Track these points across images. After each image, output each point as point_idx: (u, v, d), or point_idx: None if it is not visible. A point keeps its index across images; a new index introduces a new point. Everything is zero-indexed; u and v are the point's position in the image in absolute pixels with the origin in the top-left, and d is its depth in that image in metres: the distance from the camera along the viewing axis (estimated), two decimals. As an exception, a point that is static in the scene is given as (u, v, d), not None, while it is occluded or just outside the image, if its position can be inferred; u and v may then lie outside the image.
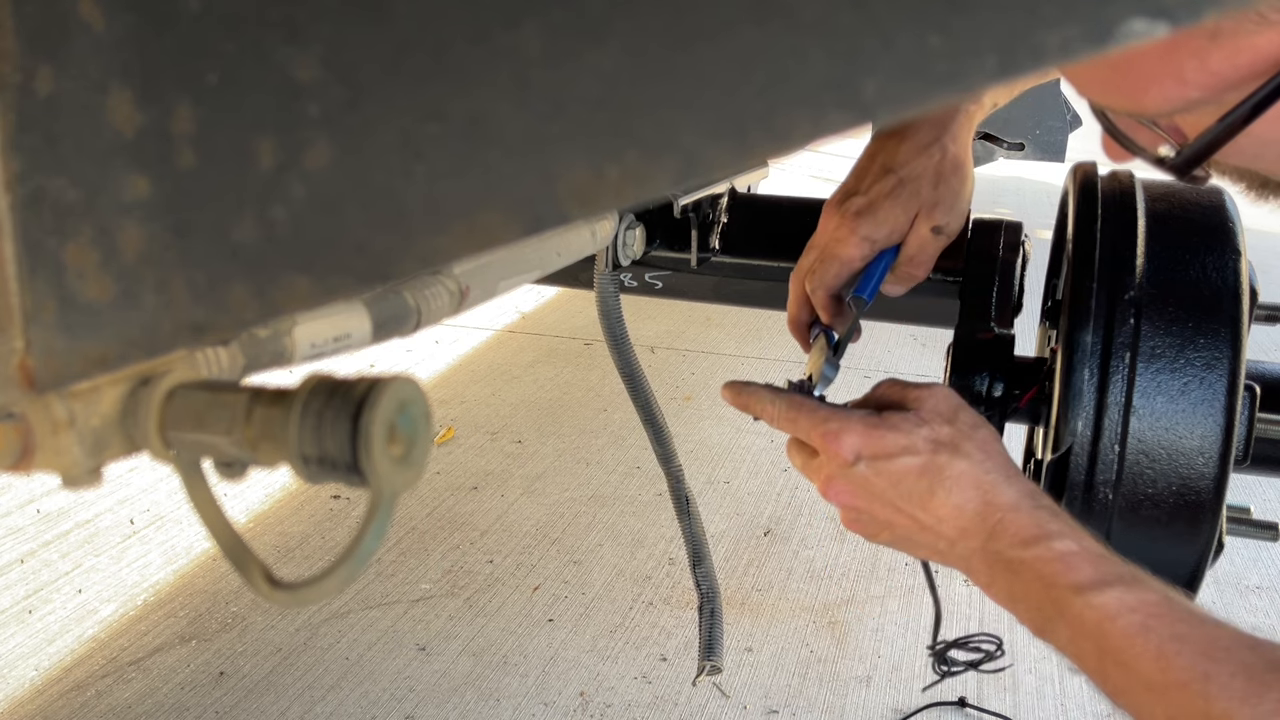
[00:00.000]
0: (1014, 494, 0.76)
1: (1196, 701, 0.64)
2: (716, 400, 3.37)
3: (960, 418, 0.80)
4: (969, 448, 0.78)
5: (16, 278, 0.43)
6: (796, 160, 7.41)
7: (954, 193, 0.98)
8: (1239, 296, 0.88)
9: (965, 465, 0.77)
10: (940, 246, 0.99)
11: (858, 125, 0.33)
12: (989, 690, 2.04)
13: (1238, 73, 0.60)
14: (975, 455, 0.78)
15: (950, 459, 0.78)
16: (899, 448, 0.79)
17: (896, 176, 0.97)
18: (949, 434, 0.79)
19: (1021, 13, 0.30)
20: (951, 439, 0.79)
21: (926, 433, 0.79)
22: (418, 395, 0.44)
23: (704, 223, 1.27)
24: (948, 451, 0.78)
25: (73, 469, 0.46)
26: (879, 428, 0.79)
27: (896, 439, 0.79)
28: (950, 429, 0.79)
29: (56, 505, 2.56)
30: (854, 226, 0.97)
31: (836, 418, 0.81)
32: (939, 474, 0.78)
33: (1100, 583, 0.70)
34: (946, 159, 0.98)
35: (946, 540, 0.79)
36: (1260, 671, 0.64)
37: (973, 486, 0.77)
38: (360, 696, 1.94)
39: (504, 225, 0.37)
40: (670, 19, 0.34)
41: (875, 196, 0.97)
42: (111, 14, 0.40)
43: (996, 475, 0.77)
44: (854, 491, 0.81)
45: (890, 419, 0.80)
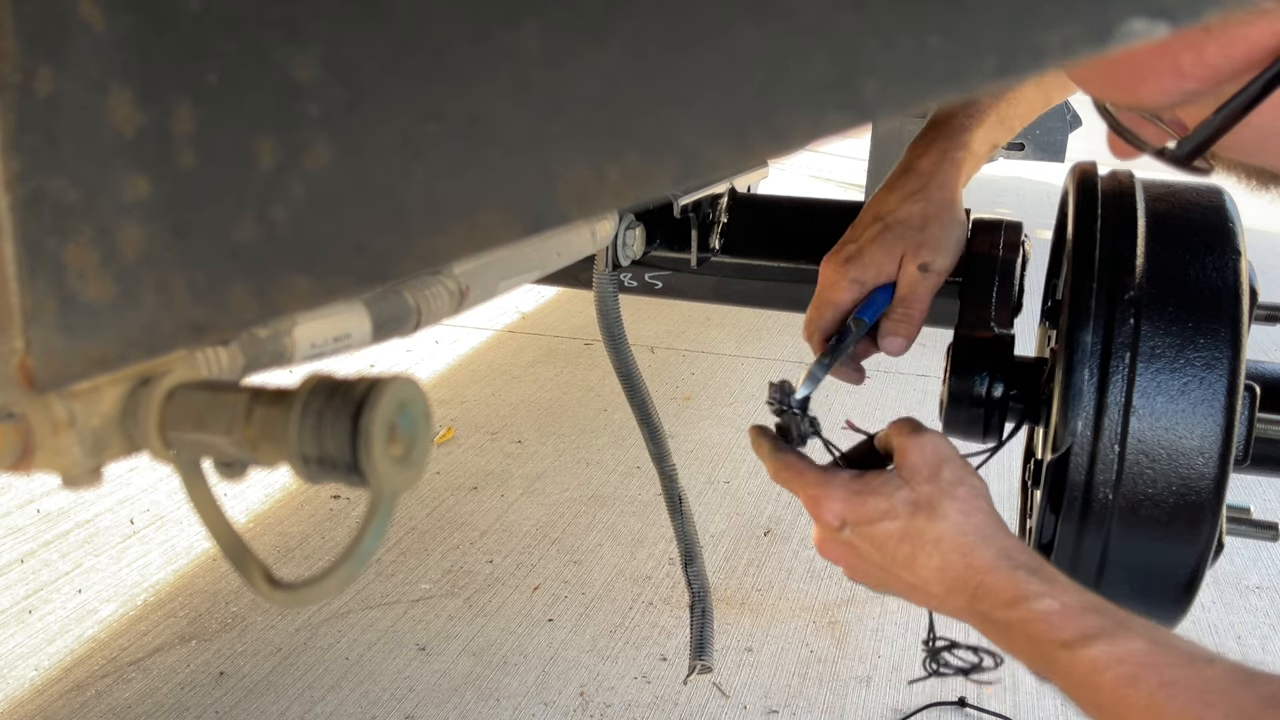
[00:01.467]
0: (991, 555, 0.77)
1: None
2: (716, 400, 3.37)
3: (943, 474, 0.80)
4: (948, 508, 0.79)
5: (16, 278, 0.43)
6: (796, 160, 7.41)
7: (940, 234, 1.01)
8: (1239, 296, 0.88)
9: (943, 527, 0.78)
10: (931, 285, 1.01)
11: (858, 125, 0.33)
12: (989, 690, 2.04)
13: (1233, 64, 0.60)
14: (954, 516, 0.78)
15: (928, 521, 0.78)
16: (879, 512, 0.80)
17: (883, 223, 1.02)
18: (928, 494, 0.79)
19: (1021, 13, 0.30)
20: (930, 499, 0.79)
21: (906, 495, 0.79)
22: (418, 395, 0.44)
23: (704, 223, 1.27)
24: (925, 514, 0.79)
25: (73, 469, 0.46)
26: (860, 493, 0.81)
27: (877, 504, 0.80)
28: (930, 488, 0.79)
29: (56, 505, 2.56)
30: (844, 271, 1.02)
31: (820, 482, 0.83)
32: (918, 538, 0.79)
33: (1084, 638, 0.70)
34: (932, 204, 1.02)
35: (937, 598, 0.80)
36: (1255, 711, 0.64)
37: (952, 549, 0.78)
38: (360, 696, 1.94)
39: (504, 225, 0.37)
40: (670, 19, 0.34)
41: (864, 243, 1.02)
42: (111, 14, 0.40)
43: (974, 537, 0.78)
44: (844, 554, 0.83)
45: (872, 482, 0.81)
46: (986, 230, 1.09)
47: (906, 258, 1.00)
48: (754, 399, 3.40)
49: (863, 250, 1.01)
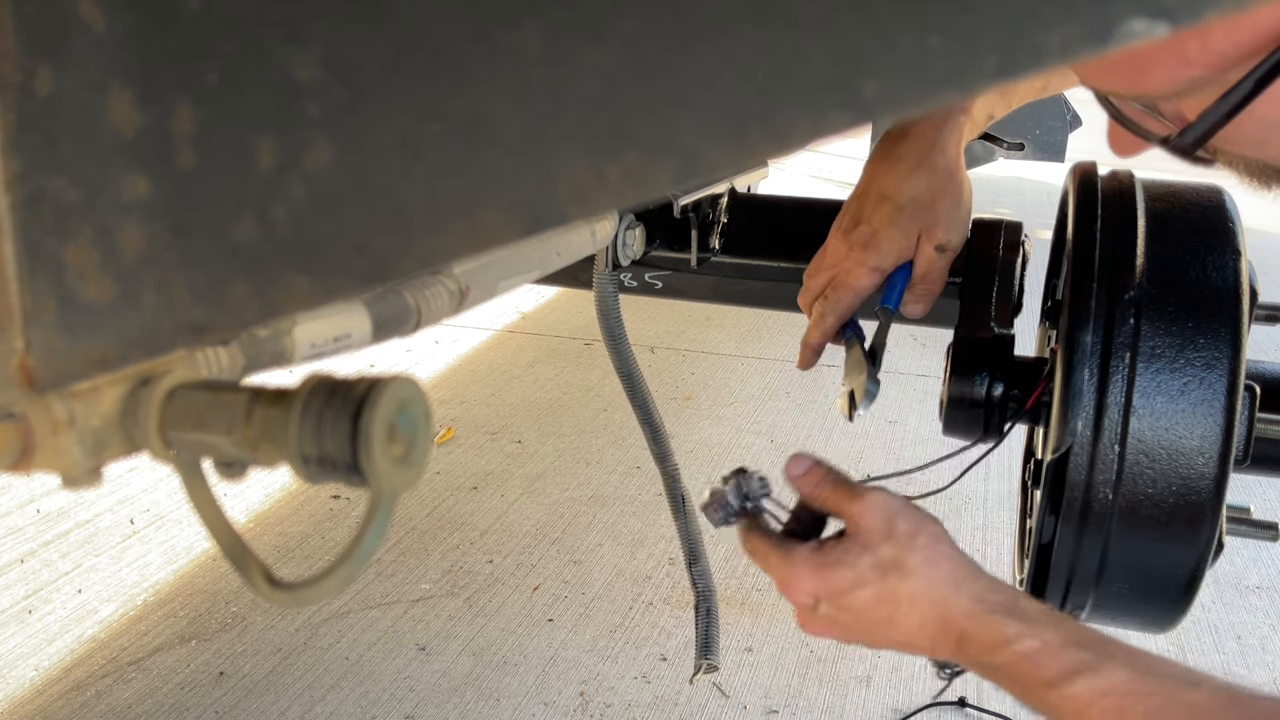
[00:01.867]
0: (966, 603, 0.77)
1: None
2: (716, 400, 3.37)
3: (898, 528, 0.79)
4: (913, 563, 0.78)
5: (16, 278, 0.43)
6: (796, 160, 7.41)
7: (950, 209, 1.01)
8: (1239, 296, 0.88)
9: (914, 584, 0.78)
10: (948, 261, 1.02)
11: (858, 125, 0.33)
12: (989, 690, 2.03)
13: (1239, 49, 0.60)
14: (921, 570, 0.78)
15: (899, 581, 0.78)
16: (848, 583, 0.79)
17: (894, 203, 1.01)
18: (891, 553, 0.79)
19: (1021, 13, 0.30)
20: (895, 558, 0.78)
21: (869, 560, 0.79)
22: (418, 395, 0.44)
23: (704, 223, 1.27)
24: (895, 574, 0.78)
25: (73, 469, 0.46)
26: (824, 566, 0.80)
27: (844, 575, 0.79)
28: (890, 547, 0.79)
29: (56, 505, 2.56)
30: (862, 258, 1.01)
31: (784, 563, 0.82)
32: (893, 599, 0.78)
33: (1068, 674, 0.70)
34: (938, 176, 1.01)
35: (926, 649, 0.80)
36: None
37: (927, 605, 0.77)
38: (360, 696, 1.94)
39: (504, 225, 0.37)
40: (670, 19, 0.34)
41: (878, 226, 1.01)
42: (111, 14, 0.40)
43: (946, 587, 0.78)
44: (827, 628, 0.83)
45: (832, 553, 0.80)
46: (986, 230, 1.09)
47: (923, 239, 1.00)
48: (754, 399, 3.40)
49: (878, 234, 1.00)
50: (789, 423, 3.22)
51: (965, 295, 1.06)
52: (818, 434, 3.14)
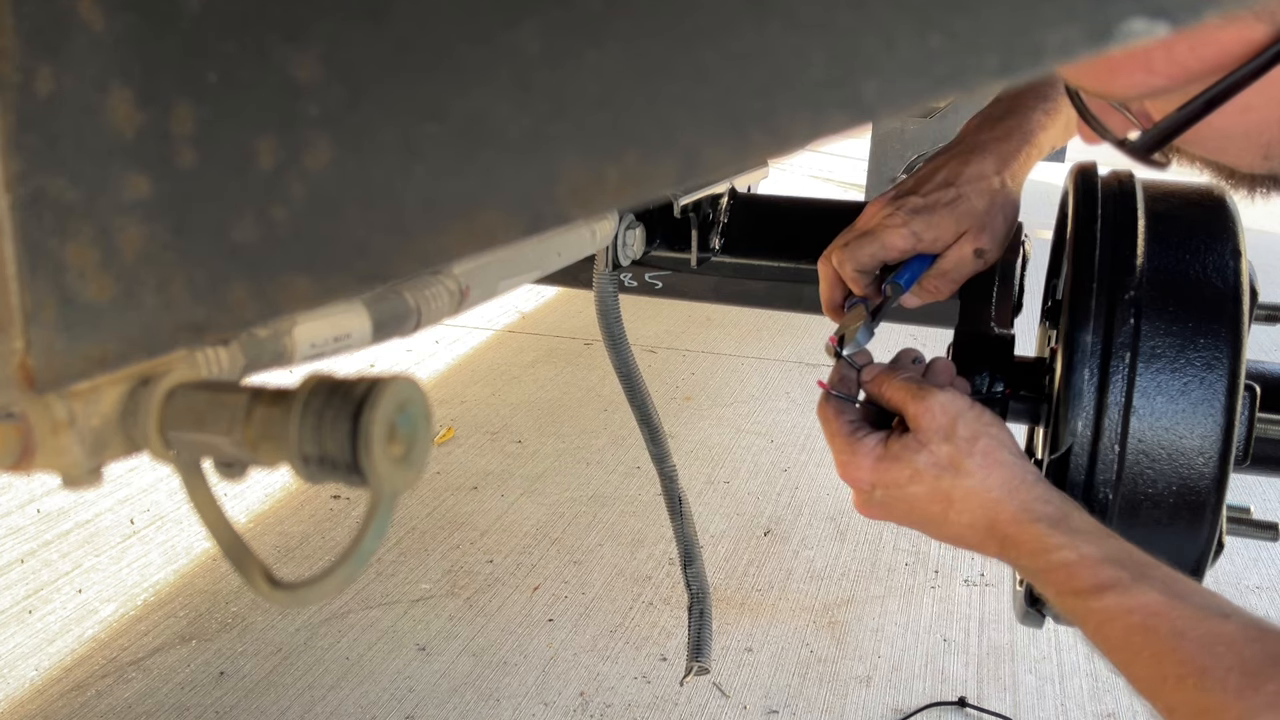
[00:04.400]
0: (1015, 509, 0.79)
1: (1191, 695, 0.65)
2: (716, 400, 3.37)
3: (958, 431, 0.82)
4: (970, 465, 0.81)
5: (16, 278, 0.43)
6: (796, 160, 7.41)
7: (1001, 226, 1.01)
8: (1239, 296, 0.88)
9: (968, 484, 0.80)
10: (973, 270, 1.01)
11: (858, 125, 0.33)
12: (989, 690, 2.04)
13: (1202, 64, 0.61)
14: (977, 473, 0.80)
15: (954, 481, 0.81)
16: (904, 478, 0.82)
17: (957, 190, 1.00)
18: (948, 454, 0.81)
19: (1021, 13, 0.30)
20: (951, 460, 0.81)
21: (926, 458, 0.82)
22: (418, 395, 0.44)
23: (704, 223, 1.27)
24: (950, 474, 0.81)
25: (73, 469, 0.46)
26: (884, 459, 0.84)
27: (901, 470, 0.83)
28: (949, 448, 0.81)
29: (56, 505, 2.56)
30: (906, 220, 1.00)
31: (848, 449, 0.86)
32: (946, 498, 0.81)
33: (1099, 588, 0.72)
34: (1004, 192, 1.01)
35: (974, 546, 0.83)
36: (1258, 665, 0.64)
37: (978, 506, 0.80)
38: (360, 696, 1.94)
39: (504, 225, 0.37)
40: (670, 19, 0.34)
41: (934, 202, 1.00)
42: (111, 14, 0.40)
43: (998, 491, 0.80)
44: (881, 512, 0.86)
45: (893, 448, 0.84)
46: None
47: (967, 236, 1.00)
48: (754, 399, 3.40)
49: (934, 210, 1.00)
50: (789, 423, 3.22)
51: (965, 295, 1.06)
52: (818, 434, 3.13)
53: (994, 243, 1.00)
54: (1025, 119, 1.04)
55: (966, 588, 2.39)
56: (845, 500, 2.76)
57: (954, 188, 1.00)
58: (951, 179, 1.01)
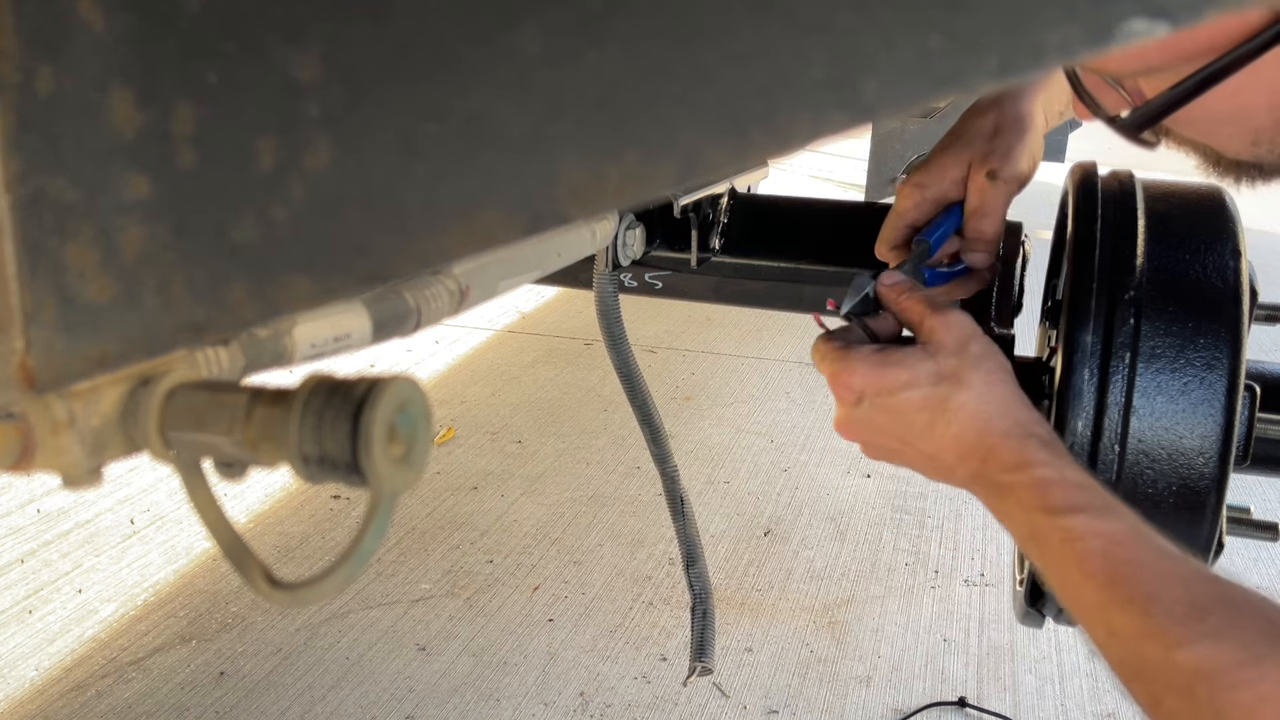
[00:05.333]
0: (1008, 424, 0.78)
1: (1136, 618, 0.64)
2: (716, 400, 3.37)
3: (969, 349, 0.81)
4: (972, 379, 0.80)
5: (16, 278, 0.43)
6: (796, 160, 7.42)
7: (1012, 142, 0.97)
8: (1239, 296, 0.88)
9: (966, 397, 0.79)
10: (1002, 195, 0.97)
11: (858, 125, 0.33)
12: (989, 690, 2.04)
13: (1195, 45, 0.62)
14: (977, 387, 0.80)
15: (951, 390, 0.80)
16: (900, 383, 0.81)
17: (954, 134, 0.99)
18: (953, 366, 0.80)
19: (1022, 13, 0.31)
20: (955, 371, 0.80)
21: (930, 366, 0.81)
22: (418, 395, 0.44)
23: (704, 223, 1.27)
24: (949, 383, 0.80)
25: (73, 469, 0.46)
26: (882, 365, 0.82)
27: (899, 374, 0.81)
28: (956, 360, 0.81)
29: (57, 505, 2.56)
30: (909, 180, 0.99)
31: (842, 357, 0.84)
32: (940, 406, 0.80)
33: (1070, 508, 0.71)
34: (1005, 114, 0.98)
35: (947, 467, 0.81)
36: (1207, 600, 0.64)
37: (971, 417, 0.79)
38: (360, 696, 1.94)
39: (504, 225, 0.37)
40: (670, 19, 0.34)
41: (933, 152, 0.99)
42: (111, 14, 0.40)
43: (995, 406, 0.79)
44: (860, 429, 0.85)
45: (894, 354, 0.82)
46: None
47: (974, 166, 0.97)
48: (754, 399, 3.40)
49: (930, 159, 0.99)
50: (789, 422, 3.22)
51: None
52: (818, 434, 3.14)
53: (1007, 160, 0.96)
54: None
55: (966, 588, 2.39)
56: (845, 500, 2.76)
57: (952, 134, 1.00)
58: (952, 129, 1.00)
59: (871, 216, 1.05)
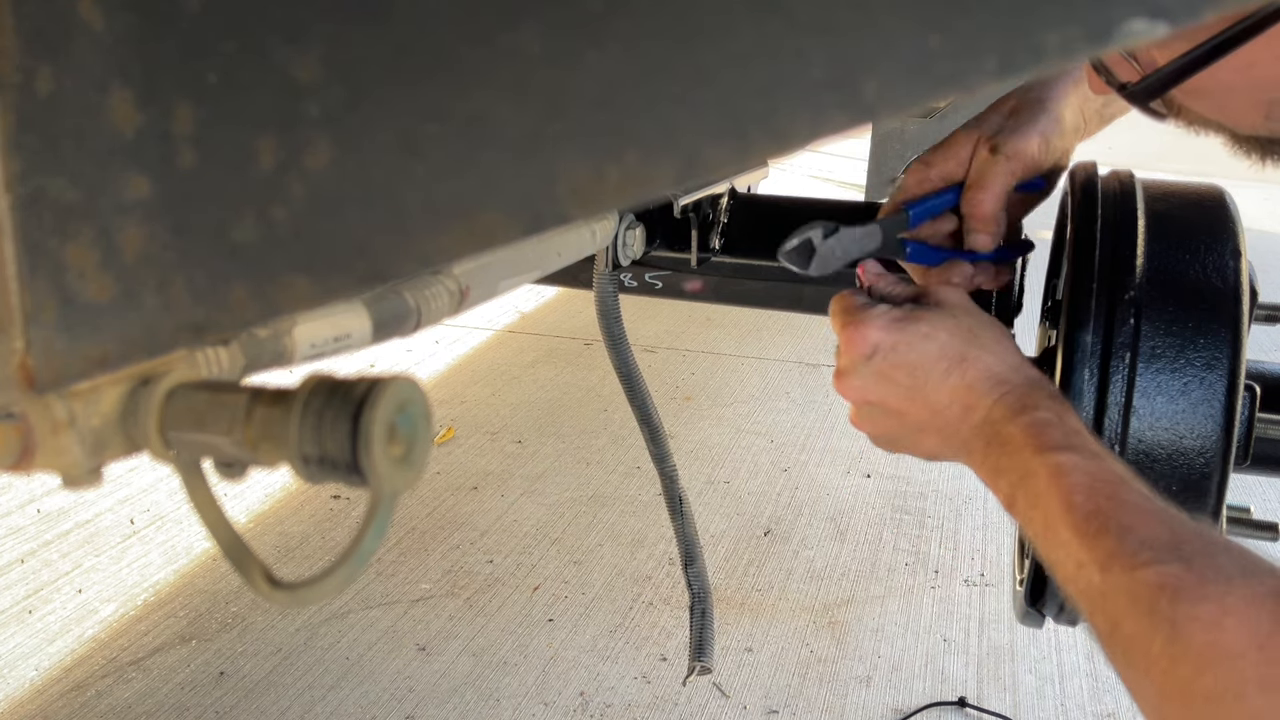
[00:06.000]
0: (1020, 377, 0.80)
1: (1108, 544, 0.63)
2: (716, 400, 3.37)
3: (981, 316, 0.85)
4: (986, 337, 0.83)
5: (16, 278, 0.43)
6: (796, 160, 7.41)
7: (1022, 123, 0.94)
8: (1239, 296, 0.88)
9: (981, 351, 0.82)
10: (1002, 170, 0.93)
11: (858, 125, 0.33)
12: (989, 690, 2.04)
13: None
14: (992, 344, 0.83)
15: (968, 344, 0.82)
16: (921, 334, 0.83)
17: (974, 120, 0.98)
18: (970, 324, 0.84)
19: (1022, 13, 0.31)
20: (971, 329, 0.83)
21: (951, 322, 0.83)
22: (418, 395, 0.44)
23: (704, 223, 1.27)
24: (966, 338, 0.82)
25: (73, 469, 0.46)
26: (902, 320, 0.84)
27: (919, 326, 0.83)
28: (973, 320, 0.84)
29: (57, 505, 2.56)
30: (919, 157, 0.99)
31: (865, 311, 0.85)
32: (958, 356, 0.82)
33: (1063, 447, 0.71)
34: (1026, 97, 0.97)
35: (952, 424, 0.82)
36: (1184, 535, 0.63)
37: (986, 368, 0.81)
38: (360, 696, 1.94)
39: (504, 225, 0.37)
40: (670, 19, 0.34)
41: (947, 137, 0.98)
42: (111, 14, 0.40)
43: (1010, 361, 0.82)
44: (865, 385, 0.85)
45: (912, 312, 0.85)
46: None
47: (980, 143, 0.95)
48: (754, 399, 3.40)
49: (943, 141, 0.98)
50: (789, 422, 3.22)
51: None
52: (818, 434, 3.14)
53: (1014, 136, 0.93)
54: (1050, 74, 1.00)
55: (966, 588, 2.39)
56: (845, 500, 2.76)
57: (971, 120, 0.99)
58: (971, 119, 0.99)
59: (872, 217, 1.04)
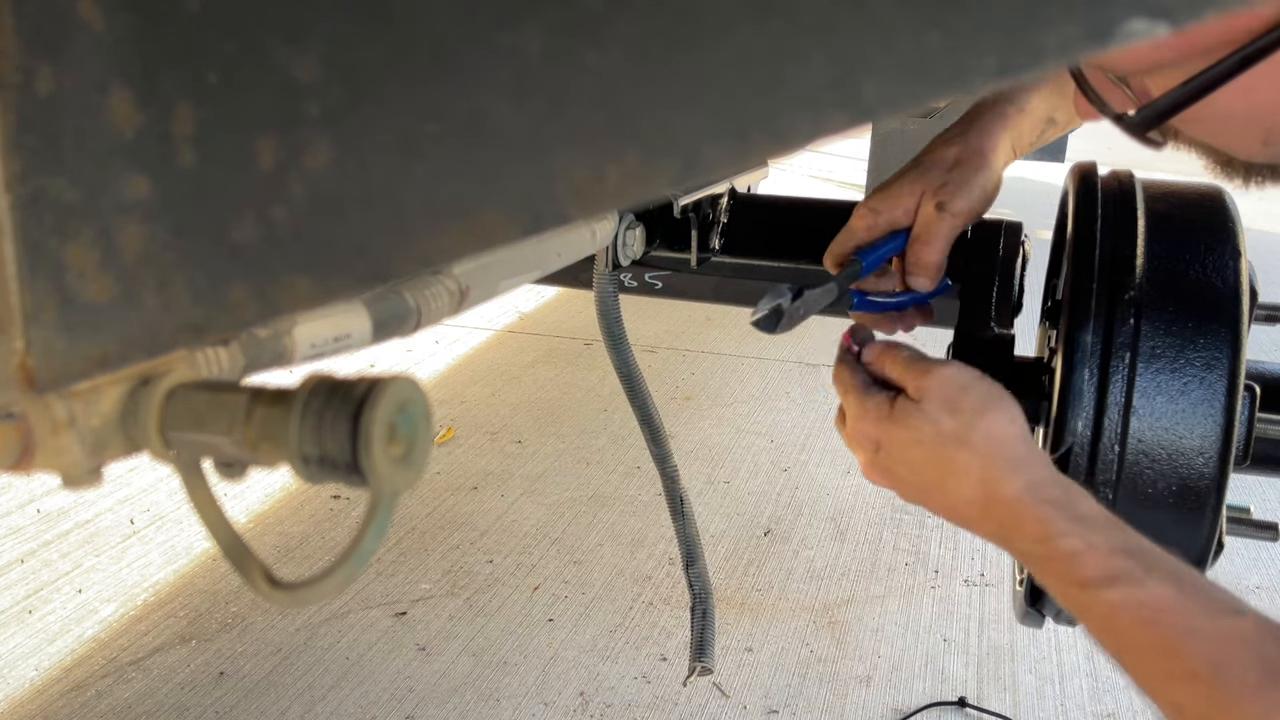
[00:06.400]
0: (1019, 488, 0.75)
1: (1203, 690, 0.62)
2: (716, 400, 3.37)
3: (964, 405, 0.79)
4: (974, 438, 0.77)
5: (16, 278, 0.43)
6: (796, 160, 7.41)
7: (966, 176, 0.98)
8: (1239, 296, 0.88)
9: (969, 458, 0.77)
10: (948, 228, 0.97)
11: (858, 125, 0.33)
12: (989, 690, 2.04)
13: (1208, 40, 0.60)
14: (980, 446, 0.77)
15: (955, 451, 0.77)
16: (907, 440, 0.80)
17: (916, 161, 1.00)
18: (952, 426, 0.78)
19: (1021, 13, 0.30)
20: (955, 431, 0.78)
21: (930, 429, 0.79)
22: (418, 395, 0.44)
23: (704, 223, 1.27)
24: (954, 444, 0.78)
25: (73, 469, 0.46)
26: (889, 419, 0.81)
27: (904, 431, 0.80)
28: (953, 421, 0.78)
29: (57, 505, 2.56)
30: (865, 202, 1.00)
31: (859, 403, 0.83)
32: (947, 466, 0.78)
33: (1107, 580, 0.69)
34: (968, 148, 1.00)
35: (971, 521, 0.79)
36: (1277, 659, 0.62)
37: (978, 482, 0.77)
38: (360, 696, 1.94)
39: (504, 225, 0.37)
40: (670, 19, 0.34)
41: (893, 178, 1.00)
42: (111, 14, 0.40)
43: (1001, 467, 0.76)
44: (884, 476, 0.84)
45: (898, 412, 0.81)
46: (986, 230, 1.09)
47: (925, 195, 0.98)
48: (754, 399, 3.40)
49: (889, 184, 1.00)
50: (789, 422, 3.22)
51: (965, 295, 1.06)
52: (818, 434, 3.13)
53: (958, 194, 0.97)
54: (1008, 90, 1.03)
55: (966, 588, 2.39)
56: (845, 500, 2.76)
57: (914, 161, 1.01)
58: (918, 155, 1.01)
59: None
